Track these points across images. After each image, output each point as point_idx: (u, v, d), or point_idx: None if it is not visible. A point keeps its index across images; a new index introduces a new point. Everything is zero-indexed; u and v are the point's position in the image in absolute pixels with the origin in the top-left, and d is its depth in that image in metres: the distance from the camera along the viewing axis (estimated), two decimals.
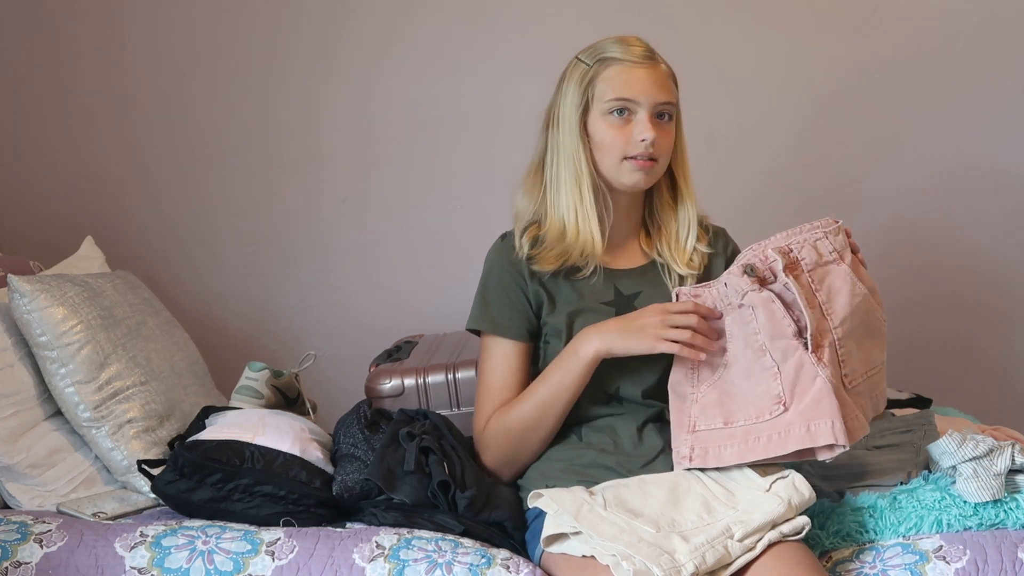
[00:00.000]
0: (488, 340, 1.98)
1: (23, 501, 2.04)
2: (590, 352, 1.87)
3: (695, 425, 1.85)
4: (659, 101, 1.91)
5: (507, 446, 1.94)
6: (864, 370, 1.90)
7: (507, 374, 1.95)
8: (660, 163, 1.93)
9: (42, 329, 2.07)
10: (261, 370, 2.36)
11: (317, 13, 2.96)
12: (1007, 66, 2.95)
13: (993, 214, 3.00)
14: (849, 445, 1.77)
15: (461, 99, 2.98)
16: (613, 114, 1.90)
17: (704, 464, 1.83)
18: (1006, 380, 3.06)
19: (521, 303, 1.96)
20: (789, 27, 2.97)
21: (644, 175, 1.91)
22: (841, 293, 1.87)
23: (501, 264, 1.98)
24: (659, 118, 1.91)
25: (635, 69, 1.90)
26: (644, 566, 1.64)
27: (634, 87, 1.90)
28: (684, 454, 1.84)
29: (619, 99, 1.90)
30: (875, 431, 2.22)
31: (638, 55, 1.91)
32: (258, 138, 3.01)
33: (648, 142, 1.89)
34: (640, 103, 1.90)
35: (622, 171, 1.92)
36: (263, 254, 3.05)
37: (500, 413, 1.93)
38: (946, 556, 1.78)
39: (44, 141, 3.01)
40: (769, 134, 3.00)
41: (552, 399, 1.90)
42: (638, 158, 1.90)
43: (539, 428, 1.92)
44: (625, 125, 1.90)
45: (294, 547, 1.81)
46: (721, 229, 2.08)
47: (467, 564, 1.77)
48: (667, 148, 1.93)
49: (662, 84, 1.91)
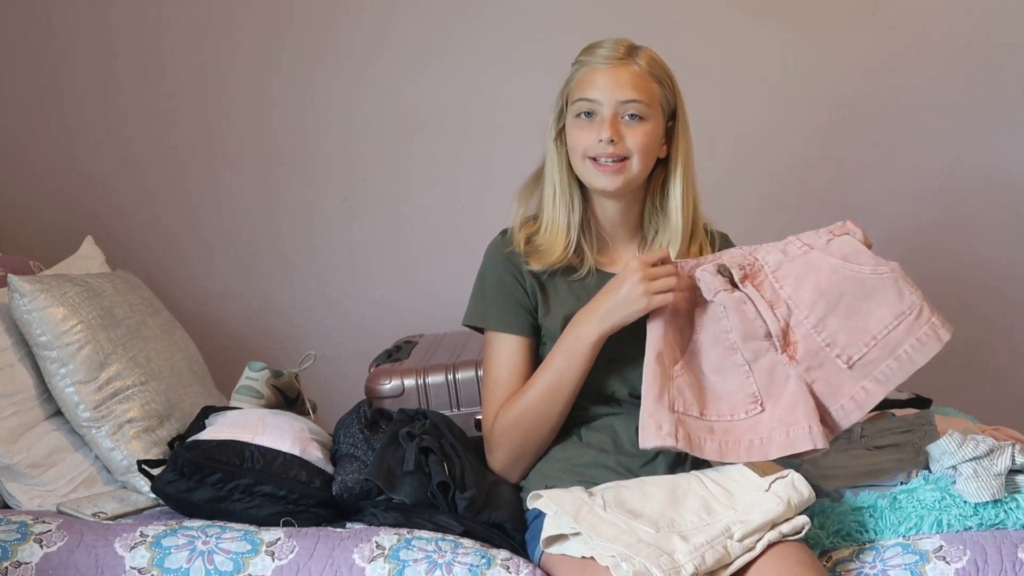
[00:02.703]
0: (492, 337, 1.97)
1: (23, 501, 2.03)
2: (593, 335, 1.86)
3: (674, 404, 1.81)
4: (621, 100, 1.90)
5: (516, 439, 1.93)
6: (868, 337, 1.84)
7: (513, 370, 1.95)
8: (632, 163, 1.91)
9: (42, 329, 2.07)
10: (261, 370, 2.36)
11: (312, 12, 2.96)
12: (1007, 66, 2.95)
13: (993, 214, 3.00)
14: (829, 443, 1.79)
15: (459, 99, 2.98)
16: (580, 116, 1.92)
17: (688, 449, 1.78)
18: (1006, 380, 3.06)
19: (522, 297, 1.96)
20: (790, 27, 2.97)
21: (609, 178, 1.91)
22: (808, 277, 1.86)
23: (500, 259, 1.98)
24: (628, 118, 1.91)
25: (599, 69, 1.91)
26: (644, 567, 1.64)
27: (596, 88, 1.91)
28: (668, 431, 1.77)
29: (582, 99, 1.92)
30: (875, 431, 2.22)
31: (603, 56, 1.92)
32: (256, 139, 3.01)
33: (605, 141, 1.89)
34: (601, 103, 1.90)
35: (587, 173, 1.93)
36: (262, 254, 3.05)
37: (506, 406, 1.93)
38: (946, 556, 1.78)
39: (43, 142, 3.01)
40: (770, 134, 3.00)
41: (557, 385, 1.89)
42: (599, 159, 1.90)
43: (546, 418, 1.91)
44: (589, 126, 1.91)
45: (294, 547, 1.81)
46: (723, 235, 2.07)
47: (467, 564, 1.77)
48: (639, 147, 1.91)
49: (626, 83, 1.90)
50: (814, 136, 2.99)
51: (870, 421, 2.30)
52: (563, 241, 1.95)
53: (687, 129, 1.98)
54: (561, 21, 2.92)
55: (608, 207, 1.99)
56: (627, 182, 1.92)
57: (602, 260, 2.00)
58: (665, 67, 1.95)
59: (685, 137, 1.97)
